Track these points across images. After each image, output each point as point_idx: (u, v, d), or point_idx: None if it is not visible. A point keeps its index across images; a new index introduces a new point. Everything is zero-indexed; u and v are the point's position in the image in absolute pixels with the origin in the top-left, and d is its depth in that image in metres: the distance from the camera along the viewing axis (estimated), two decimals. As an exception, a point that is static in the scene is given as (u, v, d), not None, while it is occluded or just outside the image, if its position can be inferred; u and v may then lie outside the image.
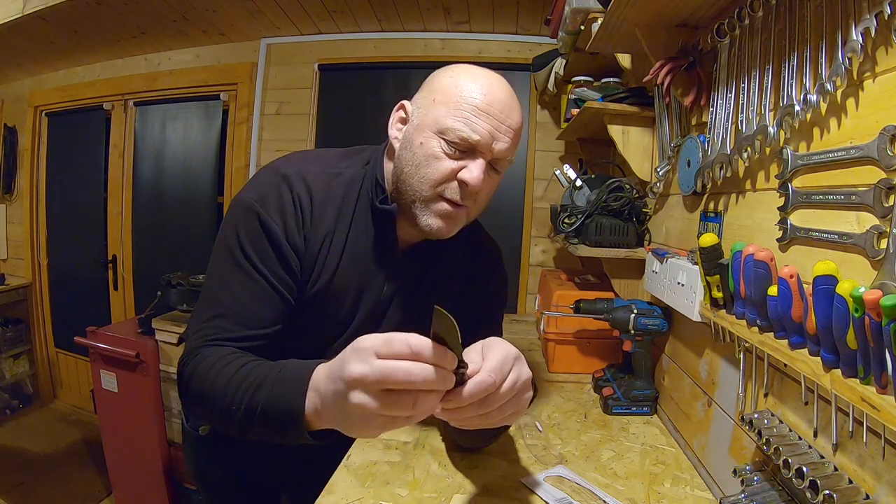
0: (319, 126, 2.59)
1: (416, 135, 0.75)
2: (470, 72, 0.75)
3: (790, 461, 0.59)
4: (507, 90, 0.75)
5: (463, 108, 0.71)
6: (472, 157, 0.73)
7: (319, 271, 0.79)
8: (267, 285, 0.74)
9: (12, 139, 3.14)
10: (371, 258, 0.83)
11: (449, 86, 0.74)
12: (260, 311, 0.74)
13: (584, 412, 1.21)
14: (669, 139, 1.18)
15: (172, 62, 2.79)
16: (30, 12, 1.94)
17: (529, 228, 2.45)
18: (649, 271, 1.17)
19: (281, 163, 0.81)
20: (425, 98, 0.76)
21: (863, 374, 0.51)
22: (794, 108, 0.68)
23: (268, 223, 0.74)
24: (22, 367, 3.16)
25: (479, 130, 0.71)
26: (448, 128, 0.71)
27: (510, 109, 0.74)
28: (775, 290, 0.63)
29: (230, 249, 0.74)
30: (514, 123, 0.75)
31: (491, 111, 0.72)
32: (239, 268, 0.74)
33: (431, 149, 0.73)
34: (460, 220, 0.78)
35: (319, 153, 0.86)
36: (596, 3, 1.35)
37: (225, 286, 0.74)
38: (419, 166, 0.74)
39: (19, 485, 2.37)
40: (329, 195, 0.79)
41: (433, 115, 0.73)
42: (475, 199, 0.77)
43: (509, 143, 0.75)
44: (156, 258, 2.83)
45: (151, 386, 2.08)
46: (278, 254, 0.75)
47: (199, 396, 0.68)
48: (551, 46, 2.04)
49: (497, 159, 0.75)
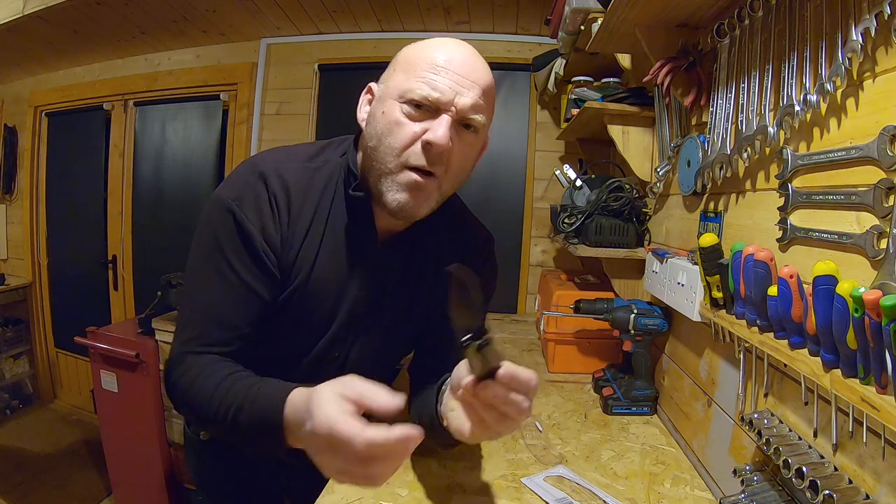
0: (319, 126, 2.59)
1: (379, 106, 0.73)
2: (431, 40, 0.73)
3: (790, 461, 0.59)
4: (469, 50, 0.73)
5: (421, 68, 0.69)
6: (435, 116, 0.70)
7: (299, 269, 0.77)
8: (243, 287, 0.73)
9: (12, 139, 3.14)
10: (350, 252, 0.80)
11: (409, 55, 0.73)
12: (237, 313, 0.73)
13: (584, 412, 1.21)
14: (669, 139, 1.18)
15: (172, 62, 2.79)
16: (30, 12, 1.94)
17: (529, 228, 2.45)
18: (649, 271, 1.17)
19: (259, 158, 0.79)
20: (387, 73, 0.75)
21: (863, 374, 0.51)
22: (794, 108, 0.68)
23: (243, 223, 0.72)
24: (22, 367, 3.16)
25: (439, 87, 0.68)
26: (407, 89, 0.69)
27: (472, 66, 0.71)
28: (775, 290, 0.63)
29: (207, 250, 0.74)
30: (480, 80, 0.71)
31: (451, 66, 0.69)
32: (215, 270, 0.73)
33: (393, 115, 0.70)
34: (430, 191, 0.73)
35: (300, 147, 0.84)
36: (596, 3, 1.35)
37: (203, 288, 0.74)
38: (382, 137, 0.71)
39: (19, 485, 2.37)
40: (308, 191, 0.77)
41: (393, 83, 0.71)
42: (446, 165, 0.72)
43: (476, 98, 0.70)
44: (156, 258, 2.82)
45: (151, 386, 2.08)
46: (254, 254, 0.73)
47: (185, 408, 0.71)
48: (551, 46, 2.04)
49: (466, 117, 0.71)
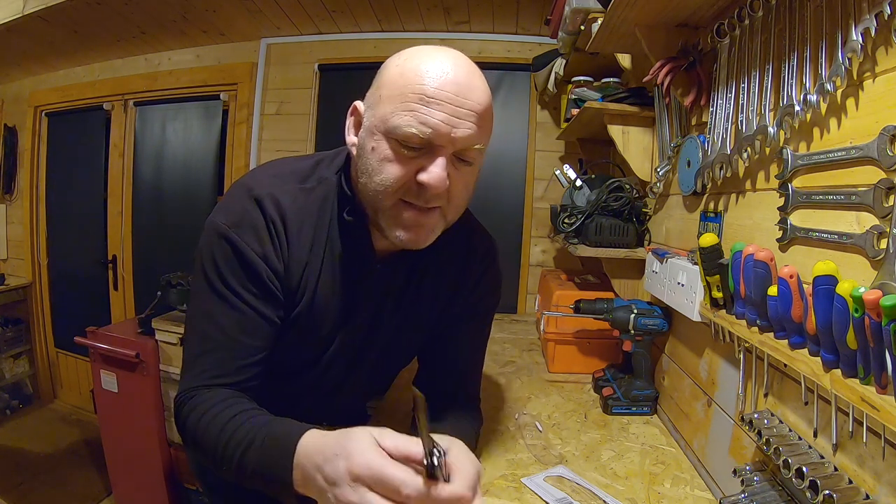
0: (319, 126, 2.59)
1: (368, 139, 0.66)
2: (417, 55, 0.65)
3: (790, 461, 0.59)
4: (464, 68, 0.64)
5: (409, 98, 0.61)
6: (430, 153, 0.63)
7: (301, 295, 0.76)
8: (253, 313, 0.71)
9: (12, 139, 3.14)
10: (349, 273, 0.77)
11: (394, 76, 0.64)
12: (248, 341, 0.71)
13: (584, 412, 1.21)
14: (669, 139, 1.18)
15: (172, 62, 2.79)
16: (30, 12, 1.94)
17: (529, 228, 2.45)
18: (649, 271, 1.17)
19: (252, 181, 0.75)
20: (373, 94, 0.67)
21: (863, 374, 0.51)
22: (794, 108, 0.68)
23: (243, 249, 0.70)
24: (22, 367, 3.16)
25: (431, 122, 0.61)
26: (395, 126, 0.62)
27: (468, 89, 0.63)
28: (775, 290, 0.63)
29: (209, 280, 0.71)
30: (477, 104, 0.63)
31: (442, 96, 0.61)
32: (221, 298, 0.70)
33: (383, 152, 0.64)
34: (433, 225, 0.69)
35: (292, 164, 0.80)
36: (596, 3, 1.35)
37: (210, 319, 0.71)
38: (373, 174, 0.65)
39: (19, 485, 2.37)
40: (304, 215, 0.74)
41: (380, 113, 0.64)
42: (447, 198, 0.67)
43: (473, 129, 0.63)
44: (156, 258, 2.83)
45: (151, 386, 2.08)
46: (258, 279, 0.71)
47: (194, 446, 0.68)
48: (551, 46, 2.04)
49: (462, 150, 0.64)
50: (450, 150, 0.64)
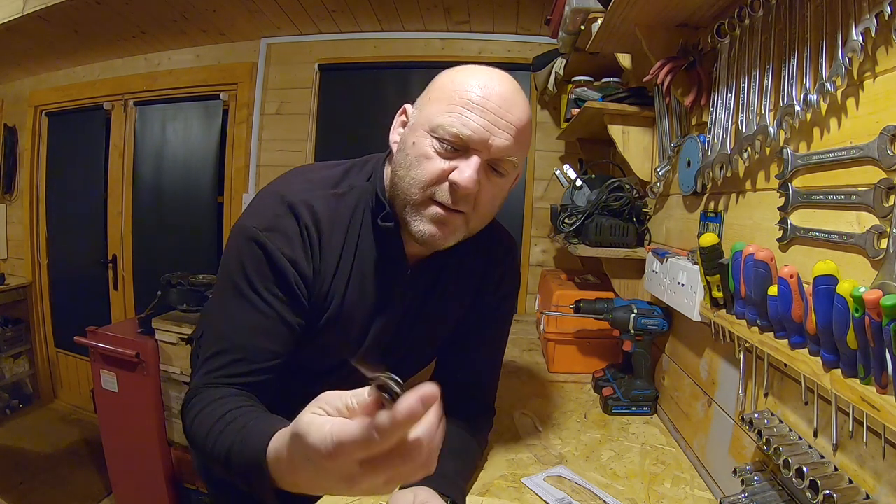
0: (319, 126, 2.59)
1: (410, 135, 0.71)
2: (470, 69, 0.71)
3: (790, 461, 0.59)
4: (508, 85, 0.69)
5: (456, 102, 0.67)
6: (466, 156, 0.68)
7: (331, 300, 0.76)
8: (275, 316, 0.71)
9: (12, 139, 3.14)
10: (379, 280, 0.79)
11: (445, 82, 0.70)
12: (265, 345, 0.71)
13: (584, 412, 1.21)
14: (669, 139, 1.18)
15: (172, 62, 2.79)
16: (30, 12, 1.94)
17: (529, 228, 2.45)
18: (649, 271, 1.17)
19: (284, 187, 0.76)
20: (423, 98, 0.73)
21: (863, 374, 0.51)
22: (794, 108, 0.67)
23: (274, 253, 0.70)
24: (22, 366, 3.16)
25: (472, 125, 0.66)
26: (439, 124, 0.67)
27: (511, 104, 0.68)
28: (775, 290, 0.63)
29: (235, 282, 0.72)
30: (517, 119, 0.68)
31: (487, 105, 0.66)
32: (244, 299, 0.71)
33: (423, 148, 0.68)
34: (456, 226, 0.72)
35: (323, 173, 0.81)
36: (596, 3, 1.35)
37: (229, 319, 0.72)
38: (410, 167, 0.69)
39: (19, 485, 2.37)
40: (336, 220, 0.75)
41: (427, 112, 0.69)
42: (473, 204, 0.70)
43: (510, 141, 0.68)
44: (156, 258, 2.82)
45: (151, 386, 2.08)
46: (286, 284, 0.71)
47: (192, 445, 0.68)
48: (551, 46, 2.04)
49: (496, 159, 0.69)
50: (485, 155, 0.68)
